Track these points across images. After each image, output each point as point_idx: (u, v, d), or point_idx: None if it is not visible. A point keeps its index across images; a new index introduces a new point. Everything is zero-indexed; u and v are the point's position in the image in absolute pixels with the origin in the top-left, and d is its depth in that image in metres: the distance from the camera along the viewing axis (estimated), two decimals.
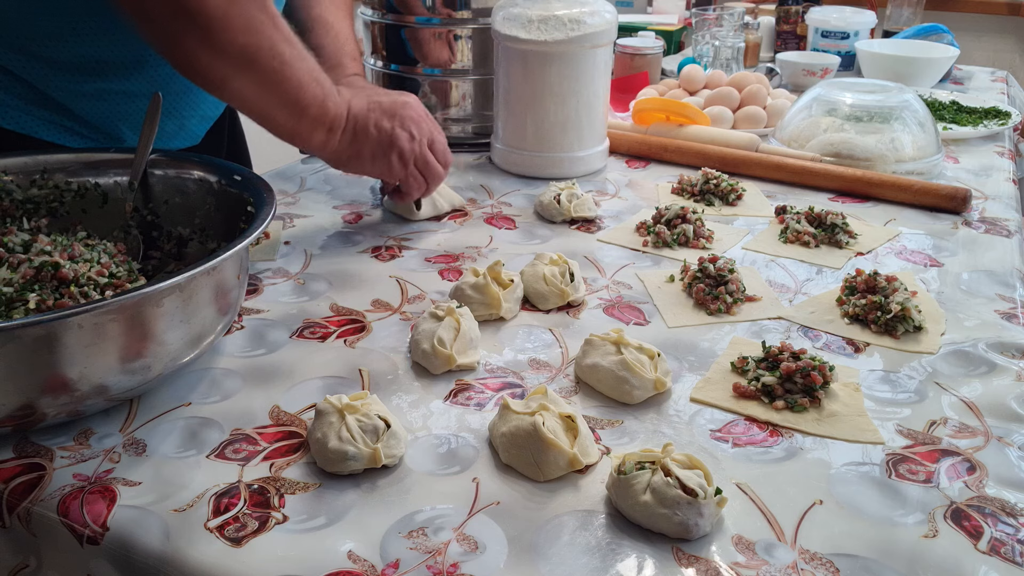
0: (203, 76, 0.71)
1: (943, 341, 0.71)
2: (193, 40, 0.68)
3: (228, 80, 0.71)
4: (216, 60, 0.69)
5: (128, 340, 0.54)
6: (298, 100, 0.76)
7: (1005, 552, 0.49)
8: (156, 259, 0.76)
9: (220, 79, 0.71)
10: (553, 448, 0.53)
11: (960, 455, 0.57)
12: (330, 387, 0.64)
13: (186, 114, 0.92)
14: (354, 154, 0.84)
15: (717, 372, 0.66)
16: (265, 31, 0.71)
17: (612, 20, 1.03)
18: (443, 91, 1.17)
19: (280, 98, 0.75)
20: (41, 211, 0.74)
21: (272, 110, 0.75)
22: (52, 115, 0.84)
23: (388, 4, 1.13)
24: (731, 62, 1.58)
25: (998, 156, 1.21)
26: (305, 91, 0.76)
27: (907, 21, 1.90)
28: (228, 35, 0.68)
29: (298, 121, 0.77)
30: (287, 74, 0.74)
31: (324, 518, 0.51)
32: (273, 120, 0.76)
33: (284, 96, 0.75)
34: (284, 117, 0.76)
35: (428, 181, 0.90)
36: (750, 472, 0.55)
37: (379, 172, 0.88)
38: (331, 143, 0.81)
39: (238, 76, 0.71)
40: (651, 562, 0.48)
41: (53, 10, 0.78)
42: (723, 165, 1.11)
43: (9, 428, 0.55)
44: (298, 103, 0.76)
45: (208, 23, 0.67)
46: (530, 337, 0.71)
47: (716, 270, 0.77)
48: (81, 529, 0.50)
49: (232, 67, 0.70)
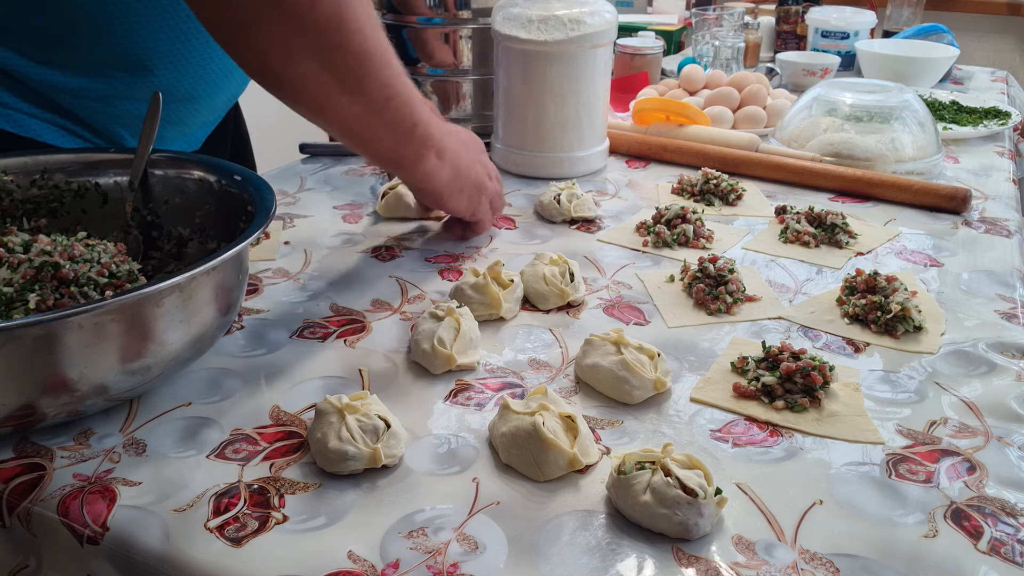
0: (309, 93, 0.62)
1: (943, 341, 0.71)
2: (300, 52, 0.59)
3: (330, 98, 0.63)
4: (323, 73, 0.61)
5: (128, 340, 0.54)
6: (404, 118, 0.67)
7: (1005, 552, 0.49)
8: (156, 259, 0.76)
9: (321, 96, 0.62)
10: (553, 448, 0.53)
11: (960, 455, 0.57)
12: (330, 387, 0.64)
13: (187, 121, 0.91)
14: (456, 188, 0.78)
15: (717, 372, 0.66)
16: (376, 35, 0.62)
17: (612, 20, 1.03)
18: (443, 91, 1.17)
19: (388, 117, 0.66)
20: (41, 211, 0.74)
21: (377, 129, 0.67)
22: (52, 116, 0.84)
23: (388, 4, 1.13)
24: (731, 62, 1.59)
25: (998, 156, 1.21)
26: (412, 109, 0.67)
27: (907, 21, 1.90)
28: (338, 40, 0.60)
29: (404, 143, 0.69)
30: (397, 88, 0.65)
31: (324, 518, 0.51)
32: (378, 144, 0.69)
33: (393, 115, 0.66)
34: (390, 140, 0.68)
35: (497, 214, 0.89)
36: (750, 472, 0.55)
37: (469, 211, 0.83)
38: (441, 172, 0.74)
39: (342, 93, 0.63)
40: (651, 562, 0.48)
41: (56, 14, 0.77)
42: (723, 165, 1.11)
43: (9, 428, 0.55)
44: (405, 121, 0.68)
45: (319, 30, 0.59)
46: (530, 337, 0.71)
47: (716, 270, 0.77)
48: (81, 529, 0.50)
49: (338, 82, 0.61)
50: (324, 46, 0.60)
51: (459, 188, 0.79)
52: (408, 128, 0.69)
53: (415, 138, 0.70)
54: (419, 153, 0.72)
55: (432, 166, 0.74)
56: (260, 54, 0.61)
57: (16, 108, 0.82)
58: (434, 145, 0.73)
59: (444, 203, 0.81)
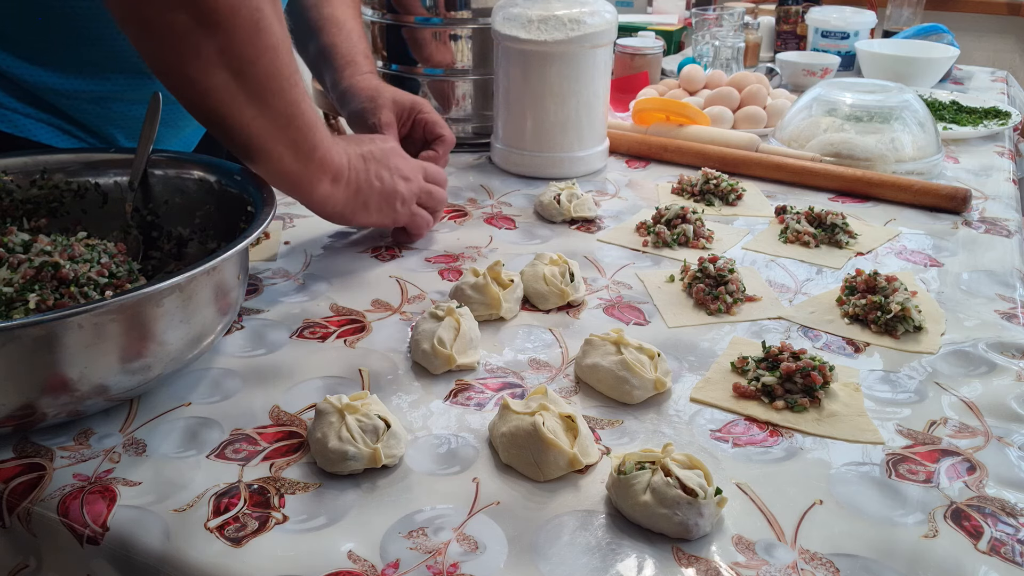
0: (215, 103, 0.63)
1: (943, 341, 0.71)
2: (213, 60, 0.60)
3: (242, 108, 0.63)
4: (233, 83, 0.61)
5: (128, 340, 0.54)
6: (307, 141, 0.68)
7: (1005, 552, 0.49)
8: (156, 259, 0.76)
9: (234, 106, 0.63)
10: (553, 448, 0.53)
11: (960, 455, 0.57)
12: (330, 387, 0.64)
13: (182, 123, 0.91)
14: (360, 206, 0.79)
15: (717, 372, 0.66)
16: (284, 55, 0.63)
17: (612, 20, 1.03)
18: (443, 91, 1.17)
19: (289, 136, 0.67)
20: (41, 211, 0.74)
21: (280, 149, 0.67)
22: (48, 117, 0.84)
23: (388, 4, 1.13)
24: (731, 62, 1.58)
25: (998, 156, 1.21)
26: (314, 133, 0.68)
27: (907, 21, 1.90)
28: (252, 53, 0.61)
29: (305, 166, 0.70)
30: (303, 109, 0.66)
31: (324, 518, 0.51)
32: (278, 162, 0.68)
33: (294, 134, 0.67)
34: (291, 159, 0.69)
35: (434, 210, 0.89)
36: (750, 472, 0.55)
37: (384, 221, 0.84)
38: (336, 196, 0.75)
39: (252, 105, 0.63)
40: (651, 562, 0.48)
41: (54, 16, 0.77)
42: (723, 165, 1.11)
43: (9, 428, 0.55)
44: (307, 144, 0.68)
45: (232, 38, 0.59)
46: (530, 337, 0.71)
47: (716, 270, 0.77)
48: (81, 529, 0.50)
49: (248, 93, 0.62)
50: (237, 58, 0.61)
51: (362, 204, 0.80)
52: (308, 149, 0.70)
53: (313, 160, 0.71)
54: (316, 176, 0.72)
55: (326, 192, 0.74)
56: (174, 60, 0.61)
57: (12, 108, 0.82)
58: (331, 170, 0.73)
59: (351, 221, 0.82)
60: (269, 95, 0.65)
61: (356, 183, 0.78)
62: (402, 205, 0.84)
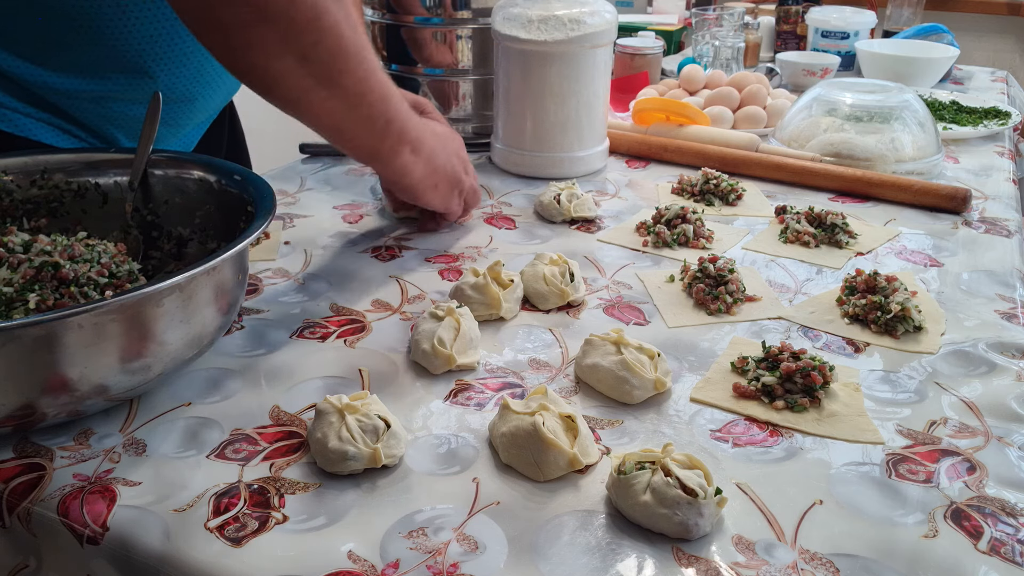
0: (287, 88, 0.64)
1: (943, 341, 0.71)
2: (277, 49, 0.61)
3: (308, 92, 0.64)
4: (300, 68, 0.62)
5: (128, 340, 0.54)
6: (381, 114, 0.68)
7: (1005, 552, 0.49)
8: (156, 259, 0.76)
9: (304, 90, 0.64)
10: (553, 448, 0.53)
11: (960, 455, 0.57)
12: (330, 387, 0.64)
13: (183, 122, 0.91)
14: (431, 184, 0.79)
15: (717, 372, 0.66)
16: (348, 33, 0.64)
17: (612, 20, 1.03)
18: (443, 91, 1.17)
19: (364, 112, 0.67)
20: (41, 211, 0.74)
21: (355, 125, 0.68)
22: (48, 116, 0.84)
23: (388, 4, 1.13)
24: (731, 62, 1.59)
25: (998, 156, 1.21)
26: (388, 105, 0.68)
27: (907, 21, 1.90)
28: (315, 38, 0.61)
29: (381, 139, 0.71)
30: (371, 83, 0.67)
31: (324, 518, 0.51)
32: (353, 138, 0.70)
33: (369, 108, 0.67)
34: (366, 135, 0.70)
35: (469, 208, 0.90)
36: (750, 472, 0.55)
37: (443, 203, 0.84)
38: (416, 166, 0.75)
39: (320, 88, 0.64)
40: (651, 562, 0.48)
41: (55, 16, 0.77)
42: (723, 165, 1.11)
43: (9, 428, 0.55)
44: (382, 116, 0.69)
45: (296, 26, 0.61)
46: (530, 337, 0.71)
47: (716, 270, 0.77)
48: (81, 529, 0.50)
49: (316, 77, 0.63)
50: (301, 43, 0.62)
51: (433, 184, 0.81)
52: (383, 124, 0.70)
53: (390, 133, 0.72)
54: (394, 148, 0.73)
55: (406, 161, 0.75)
56: (241, 52, 0.63)
57: (12, 108, 0.82)
58: (409, 141, 0.74)
59: (418, 197, 0.83)
60: (336, 75, 0.65)
61: (433, 160, 0.78)
62: (459, 196, 0.85)
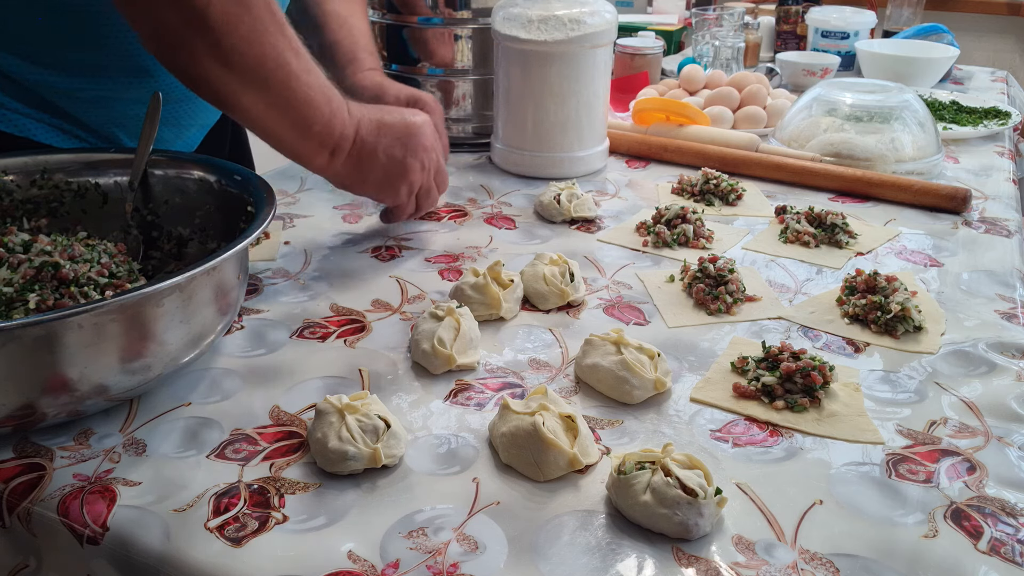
0: (213, 91, 0.68)
1: (943, 341, 0.71)
2: (202, 52, 0.65)
3: (238, 95, 0.68)
4: (225, 73, 0.66)
5: (128, 340, 0.54)
6: (304, 118, 0.72)
7: (1005, 552, 0.49)
8: (156, 259, 0.76)
9: (229, 93, 0.68)
10: (553, 448, 0.53)
11: (960, 455, 0.57)
12: (330, 387, 0.64)
13: (185, 123, 0.91)
14: (358, 179, 0.81)
15: (717, 372, 0.66)
16: (270, 39, 0.68)
17: (612, 20, 1.03)
18: (443, 91, 1.17)
19: (286, 115, 0.71)
20: (41, 211, 0.74)
21: (277, 127, 0.72)
22: (48, 117, 0.84)
23: (388, 4, 1.13)
24: (731, 62, 1.58)
25: (998, 156, 1.21)
26: (311, 109, 0.72)
27: (907, 21, 1.90)
28: (234, 43, 0.65)
29: (302, 140, 0.74)
30: (294, 88, 0.70)
31: (324, 518, 0.51)
32: (278, 138, 0.73)
33: (290, 113, 0.71)
34: (289, 135, 0.73)
35: (421, 208, 0.89)
36: (750, 472, 0.55)
37: (383, 197, 0.85)
38: (333, 166, 0.78)
39: (247, 91, 0.68)
40: (651, 562, 0.48)
41: (55, 16, 0.77)
42: (723, 165, 1.11)
43: (9, 428, 0.55)
44: (303, 121, 0.72)
45: (216, 32, 0.64)
46: (530, 337, 0.71)
47: (716, 270, 0.77)
48: (81, 529, 0.50)
49: (240, 80, 0.67)
50: (221, 48, 0.65)
51: (361, 179, 0.81)
52: (305, 126, 0.73)
53: (311, 136, 0.74)
54: (313, 150, 0.76)
55: (322, 164, 0.77)
56: (171, 53, 0.66)
57: (12, 109, 0.82)
58: (329, 143, 0.76)
59: (352, 191, 0.84)
60: (261, 81, 0.68)
61: (358, 156, 0.79)
62: (407, 190, 0.84)
